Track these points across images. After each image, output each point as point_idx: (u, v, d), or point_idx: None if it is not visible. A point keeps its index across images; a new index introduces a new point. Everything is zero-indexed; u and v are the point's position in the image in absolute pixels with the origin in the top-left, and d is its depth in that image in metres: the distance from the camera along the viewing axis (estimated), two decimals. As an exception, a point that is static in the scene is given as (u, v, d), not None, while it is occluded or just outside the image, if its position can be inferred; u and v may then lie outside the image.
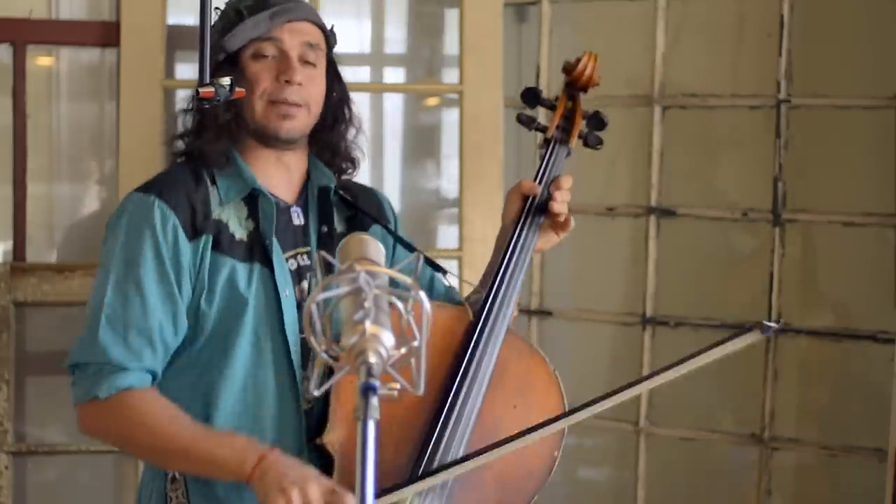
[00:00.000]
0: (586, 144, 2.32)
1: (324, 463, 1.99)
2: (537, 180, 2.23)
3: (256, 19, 2.08)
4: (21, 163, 3.21)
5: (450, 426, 2.03)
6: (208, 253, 2.03)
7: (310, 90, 2.10)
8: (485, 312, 2.11)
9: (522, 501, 2.12)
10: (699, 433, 3.35)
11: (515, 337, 2.16)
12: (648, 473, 3.41)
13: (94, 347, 2.00)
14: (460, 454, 2.02)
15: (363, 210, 2.23)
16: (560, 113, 2.28)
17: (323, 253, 1.36)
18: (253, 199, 2.09)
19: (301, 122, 2.10)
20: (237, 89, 2.03)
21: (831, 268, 3.41)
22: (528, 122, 2.31)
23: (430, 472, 1.96)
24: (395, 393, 1.25)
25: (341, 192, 2.21)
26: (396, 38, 3.72)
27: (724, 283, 3.47)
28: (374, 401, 1.16)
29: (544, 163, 2.26)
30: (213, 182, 2.09)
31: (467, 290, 2.31)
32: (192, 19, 3.30)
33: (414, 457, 2.02)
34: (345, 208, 2.23)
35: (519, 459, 2.07)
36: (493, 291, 2.13)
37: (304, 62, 2.10)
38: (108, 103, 3.36)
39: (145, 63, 3.17)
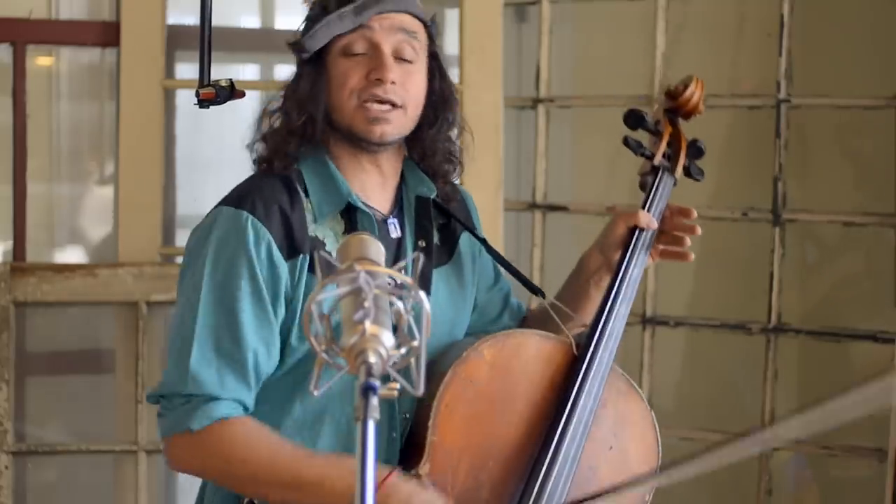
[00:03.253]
0: (688, 175, 2.18)
1: None
2: (644, 210, 2.07)
3: (341, 13, 1.88)
4: (21, 163, 3.20)
5: (554, 469, 1.90)
6: (304, 275, 1.86)
7: (407, 88, 1.90)
8: (592, 348, 1.96)
9: None
10: (699, 433, 3.35)
11: (614, 373, 2.01)
12: (648, 473, 3.40)
13: (185, 378, 1.83)
14: (562, 499, 1.90)
15: (457, 218, 2.07)
16: (666, 140, 2.12)
17: (322, 253, 1.36)
18: (350, 212, 1.92)
19: (396, 125, 1.90)
20: (237, 90, 2.03)
21: (831, 268, 3.41)
22: (635, 148, 2.11)
23: None
24: (395, 393, 1.25)
25: (437, 199, 2.04)
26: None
27: (724, 283, 3.47)
28: (374, 401, 1.16)
29: (652, 192, 2.09)
30: (307, 195, 1.91)
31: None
32: (192, 19, 3.30)
33: (514, 500, 1.90)
34: (439, 215, 2.06)
35: None
36: (602, 326, 1.98)
37: (400, 59, 1.90)
38: (108, 103, 3.37)
39: (145, 63, 3.17)
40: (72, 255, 3.45)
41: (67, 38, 3.33)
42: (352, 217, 1.91)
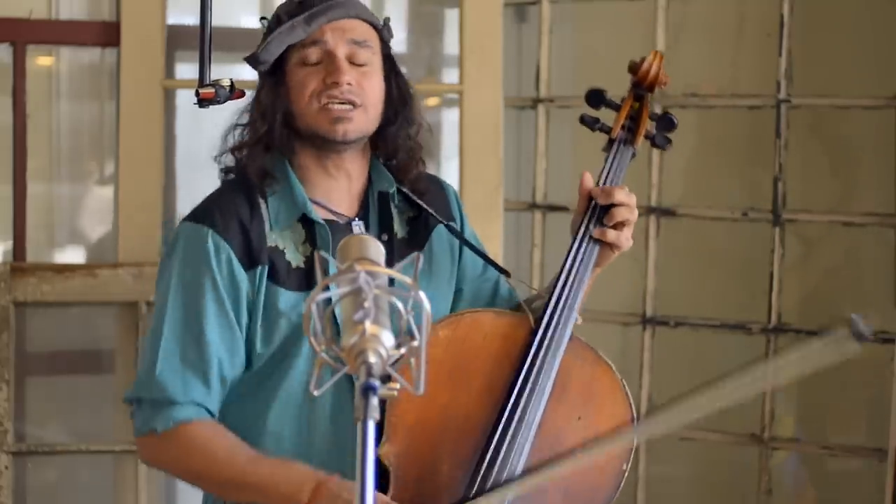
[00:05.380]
0: (654, 145, 2.20)
1: (379, 475, 1.89)
2: (599, 183, 2.10)
3: (293, 24, 1.97)
4: (21, 163, 3.21)
5: (507, 438, 1.94)
6: (264, 284, 1.96)
7: (364, 89, 1.98)
8: (546, 319, 2.00)
9: None
10: (699, 433, 3.35)
11: (580, 344, 2.05)
12: (648, 473, 3.40)
13: (152, 383, 1.95)
14: (520, 468, 1.94)
15: (428, 210, 2.11)
16: (625, 113, 2.16)
17: (321, 252, 1.36)
18: (309, 221, 2.00)
19: (357, 123, 1.98)
20: (237, 90, 2.03)
21: (831, 268, 3.41)
22: (591, 123, 2.17)
23: (485, 491, 1.89)
24: (395, 392, 1.25)
25: (406, 190, 2.09)
26: (396, 38, 3.71)
27: (724, 283, 3.47)
28: (374, 401, 1.16)
29: (607, 164, 2.12)
30: (268, 205, 1.99)
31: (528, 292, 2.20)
32: (192, 19, 3.30)
33: (471, 470, 1.94)
34: (408, 209, 2.11)
35: (586, 473, 2.00)
36: (556, 297, 2.01)
37: (354, 63, 1.98)
38: (108, 103, 3.37)
39: (145, 63, 3.17)
40: (72, 255, 3.45)
41: (67, 38, 3.33)
42: (311, 225, 2.00)
